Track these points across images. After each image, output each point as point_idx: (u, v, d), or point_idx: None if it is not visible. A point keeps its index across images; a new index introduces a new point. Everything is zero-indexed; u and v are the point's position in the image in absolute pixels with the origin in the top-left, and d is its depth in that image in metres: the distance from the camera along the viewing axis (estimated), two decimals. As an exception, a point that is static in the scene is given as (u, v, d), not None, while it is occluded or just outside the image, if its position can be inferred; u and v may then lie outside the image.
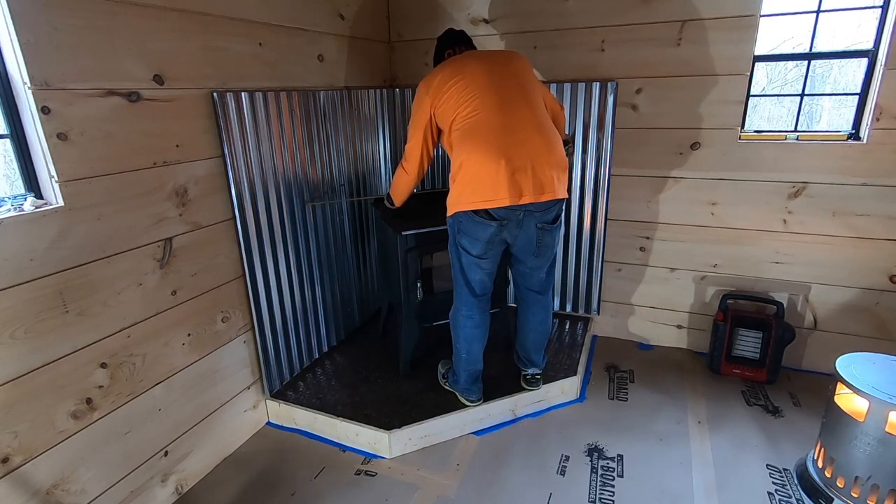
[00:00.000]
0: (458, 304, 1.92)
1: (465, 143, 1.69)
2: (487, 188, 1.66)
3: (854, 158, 2.07)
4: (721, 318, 2.32)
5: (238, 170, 1.79)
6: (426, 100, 1.79)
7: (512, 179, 1.64)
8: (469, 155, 1.68)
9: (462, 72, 1.75)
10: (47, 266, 1.27)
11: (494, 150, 1.65)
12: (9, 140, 1.24)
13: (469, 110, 1.71)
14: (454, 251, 1.85)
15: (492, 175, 1.64)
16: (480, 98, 1.70)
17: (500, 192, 1.65)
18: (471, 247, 1.77)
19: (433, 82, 1.78)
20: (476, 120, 1.69)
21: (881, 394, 1.44)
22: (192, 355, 1.72)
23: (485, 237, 1.73)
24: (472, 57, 1.82)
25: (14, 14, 1.15)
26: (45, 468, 1.32)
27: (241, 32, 1.77)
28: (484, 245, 1.76)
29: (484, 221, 1.70)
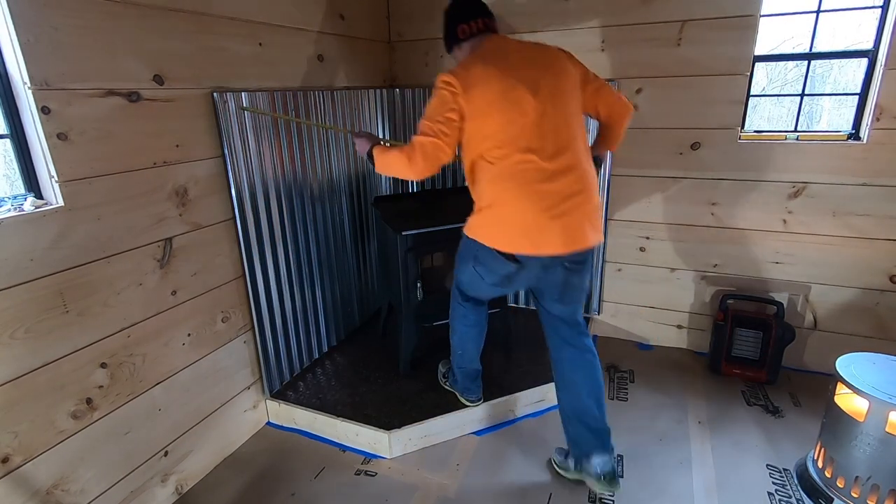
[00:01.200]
0: (455, 303, 1.88)
1: (498, 183, 1.49)
2: (516, 235, 1.50)
3: (854, 158, 2.07)
4: (721, 318, 2.32)
5: (238, 170, 1.79)
6: (457, 99, 1.47)
7: (544, 231, 1.47)
8: (501, 196, 1.49)
9: (504, 91, 1.45)
10: (47, 266, 1.27)
11: (531, 202, 1.46)
12: (9, 140, 1.24)
13: (509, 147, 1.46)
14: (465, 262, 1.70)
15: (524, 225, 1.48)
16: (525, 134, 1.45)
17: (529, 241, 1.49)
18: (486, 275, 1.65)
19: (468, 84, 1.46)
20: (515, 162, 1.46)
21: (881, 394, 1.44)
22: (192, 355, 1.72)
23: (502, 273, 1.60)
24: (513, 65, 1.49)
25: (14, 14, 1.15)
26: (45, 468, 1.32)
27: (241, 32, 1.77)
28: (500, 279, 1.63)
29: (504, 261, 1.54)
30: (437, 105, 1.50)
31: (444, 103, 1.48)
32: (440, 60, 2.63)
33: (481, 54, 1.54)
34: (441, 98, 1.49)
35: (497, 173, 1.49)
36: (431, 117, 1.49)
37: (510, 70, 1.48)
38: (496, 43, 1.58)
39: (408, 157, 1.51)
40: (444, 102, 1.48)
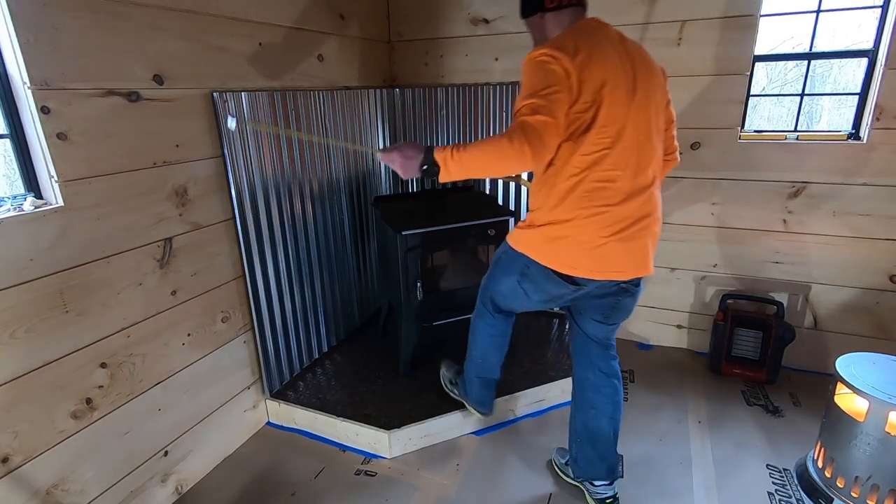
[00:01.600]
0: (484, 311, 1.70)
1: (571, 202, 1.30)
2: (580, 258, 1.34)
3: (854, 158, 2.07)
4: (721, 317, 2.32)
5: (238, 170, 1.79)
6: (570, 80, 1.21)
7: (610, 256, 1.33)
8: (569, 216, 1.31)
9: (608, 91, 1.24)
10: (47, 266, 1.27)
11: (602, 226, 1.30)
12: (9, 140, 1.24)
13: (596, 155, 1.27)
14: (508, 275, 1.51)
15: (590, 248, 1.32)
16: (617, 146, 1.27)
17: (594, 265, 1.34)
18: (533, 293, 1.47)
19: (578, 65, 1.21)
20: (598, 179, 1.28)
21: (881, 394, 1.44)
22: (192, 355, 1.72)
23: (554, 293, 1.44)
24: (619, 59, 1.28)
25: (14, 14, 1.15)
26: (45, 468, 1.32)
27: (241, 32, 1.77)
28: (549, 298, 1.48)
29: (561, 282, 1.38)
30: (542, 81, 1.19)
31: (552, 80, 1.19)
32: (440, 60, 2.63)
33: (581, 34, 1.27)
34: (548, 73, 1.19)
35: (572, 189, 1.30)
36: (537, 93, 1.18)
37: (616, 64, 1.26)
38: (595, 26, 1.33)
39: (518, 144, 1.15)
40: (553, 79, 1.19)
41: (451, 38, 2.57)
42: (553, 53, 1.21)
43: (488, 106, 2.54)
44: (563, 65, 1.20)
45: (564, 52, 1.21)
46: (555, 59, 1.21)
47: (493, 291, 1.63)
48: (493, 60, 2.52)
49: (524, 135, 1.15)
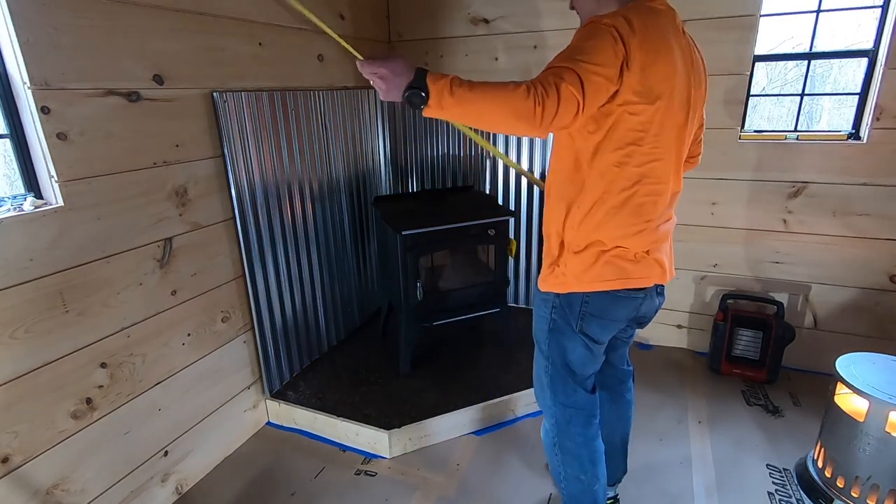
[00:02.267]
0: (570, 415, 1.35)
1: (626, 216, 1.16)
2: (635, 267, 1.20)
3: (854, 158, 2.07)
4: (721, 317, 2.32)
5: (238, 170, 1.79)
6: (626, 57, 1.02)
7: (656, 259, 1.22)
8: (624, 231, 1.17)
9: (665, 104, 1.09)
10: (47, 266, 1.27)
11: (651, 239, 1.20)
12: (8, 140, 1.24)
13: (647, 167, 1.13)
14: (564, 335, 1.28)
15: (643, 258, 1.20)
16: (665, 157, 1.15)
17: (647, 271, 1.21)
18: (601, 332, 1.26)
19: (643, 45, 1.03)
20: (648, 191, 1.15)
21: (881, 394, 1.44)
22: (192, 355, 1.72)
23: (626, 314, 1.26)
24: (683, 75, 1.12)
25: (14, 14, 1.15)
26: (45, 468, 1.32)
27: (241, 32, 1.77)
28: (620, 324, 1.29)
29: (630, 295, 1.22)
30: (593, 53, 1.00)
31: (603, 59, 1.00)
32: (440, 60, 2.63)
33: (652, 23, 1.07)
34: (604, 51, 1.00)
35: (624, 204, 1.15)
36: (581, 62, 0.99)
37: (681, 72, 1.11)
38: (664, 11, 1.12)
39: (533, 102, 0.97)
40: (605, 60, 1.00)
41: (451, 38, 2.57)
42: (624, 34, 1.01)
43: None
44: (627, 56, 1.01)
45: (635, 39, 1.02)
46: (623, 42, 1.01)
47: (563, 369, 1.32)
48: (493, 60, 2.52)
49: (544, 94, 0.97)
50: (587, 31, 1.05)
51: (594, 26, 1.04)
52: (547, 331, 1.31)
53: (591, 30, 1.04)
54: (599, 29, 1.03)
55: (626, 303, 1.23)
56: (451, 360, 2.29)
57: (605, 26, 1.03)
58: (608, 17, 1.05)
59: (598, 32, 1.03)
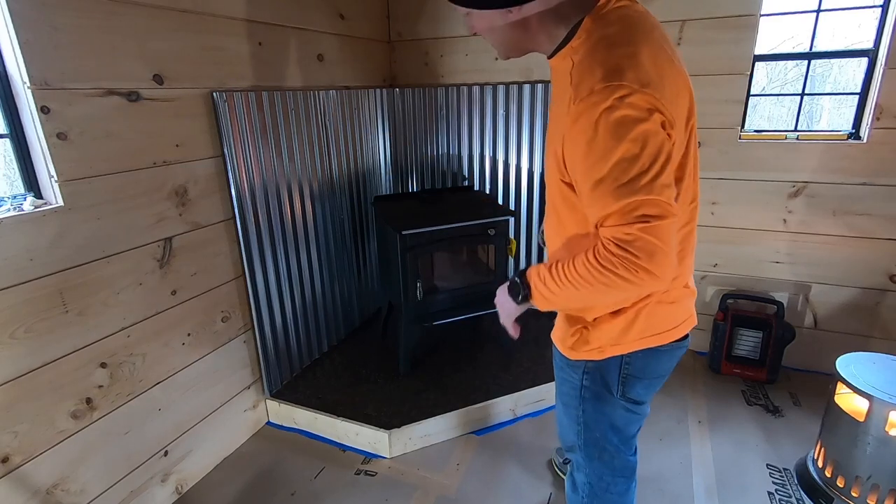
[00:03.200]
0: (607, 482, 1.17)
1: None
2: (676, 310, 1.03)
3: (854, 158, 2.07)
4: (721, 317, 2.32)
5: (238, 170, 1.79)
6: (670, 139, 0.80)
7: (691, 289, 1.08)
8: (679, 273, 1.02)
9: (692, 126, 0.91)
10: (47, 266, 1.27)
11: (688, 264, 1.05)
12: (8, 140, 1.24)
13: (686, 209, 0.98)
14: (594, 409, 1.10)
15: (678, 295, 1.03)
16: (697, 194, 0.99)
17: (687, 310, 1.06)
18: (646, 393, 1.08)
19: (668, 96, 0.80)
20: (684, 233, 0.99)
21: (881, 394, 1.44)
22: (192, 355, 1.72)
23: (672, 367, 1.09)
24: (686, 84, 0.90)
25: (14, 13, 1.15)
26: (45, 468, 1.32)
27: (241, 32, 1.77)
28: (666, 378, 1.11)
29: (676, 346, 1.05)
30: (638, 154, 0.76)
31: (654, 149, 0.77)
32: (440, 60, 2.63)
33: (640, 35, 0.83)
34: (654, 141, 0.77)
35: None
36: (638, 179, 0.76)
37: (685, 83, 0.89)
38: (642, 13, 0.90)
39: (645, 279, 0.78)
40: (656, 147, 0.77)
41: (451, 38, 2.57)
42: (650, 101, 0.76)
43: (488, 106, 2.54)
44: (662, 112, 0.78)
45: (654, 89, 0.77)
46: (653, 103, 0.76)
47: (601, 435, 1.12)
48: (493, 60, 2.52)
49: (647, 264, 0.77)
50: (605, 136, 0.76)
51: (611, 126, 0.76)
52: (578, 397, 1.10)
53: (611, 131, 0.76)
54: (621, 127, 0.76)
55: (671, 355, 1.05)
56: (452, 360, 2.29)
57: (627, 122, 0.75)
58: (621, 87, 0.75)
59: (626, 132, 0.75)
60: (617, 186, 0.77)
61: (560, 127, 0.85)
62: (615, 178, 0.77)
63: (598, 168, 0.78)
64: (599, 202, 0.80)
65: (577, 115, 0.78)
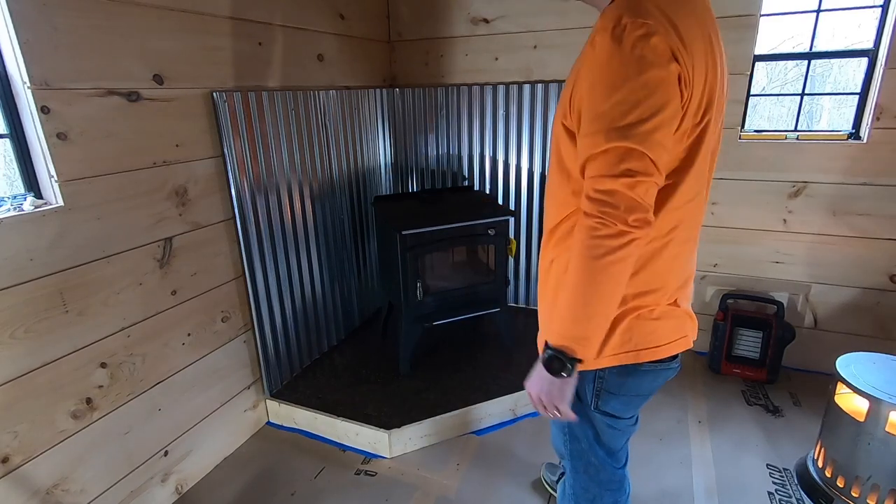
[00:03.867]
0: (593, 494, 1.14)
1: (662, 268, 0.92)
2: (661, 327, 0.95)
3: (854, 158, 2.07)
4: (721, 317, 2.32)
5: (238, 170, 1.79)
6: (686, 83, 0.77)
7: (686, 311, 1.00)
8: (661, 284, 0.93)
9: (713, 116, 0.85)
10: (47, 266, 1.27)
11: (684, 278, 0.98)
12: (8, 140, 1.24)
13: (687, 208, 0.90)
14: (579, 423, 1.07)
15: (665, 311, 0.96)
16: (703, 191, 0.93)
17: (677, 330, 0.98)
18: (624, 409, 1.04)
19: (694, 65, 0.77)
20: (685, 237, 0.93)
21: (881, 394, 1.44)
22: (192, 355, 1.72)
23: (655, 388, 1.03)
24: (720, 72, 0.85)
25: (14, 14, 1.15)
26: (45, 468, 1.32)
27: (241, 32, 1.77)
28: (648, 397, 1.05)
29: (660, 367, 0.98)
30: (643, 94, 0.74)
31: (662, 96, 0.74)
32: (440, 60, 2.63)
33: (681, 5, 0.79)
34: (657, 82, 0.74)
35: (656, 254, 0.90)
36: (634, 124, 0.74)
37: (719, 70, 0.84)
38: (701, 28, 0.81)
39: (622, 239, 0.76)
40: (665, 95, 0.75)
41: (451, 38, 2.57)
42: (672, 40, 0.74)
43: (488, 106, 2.54)
44: (681, 66, 0.75)
45: (680, 40, 0.75)
46: (674, 52, 0.74)
47: (584, 443, 1.09)
48: (493, 60, 2.52)
49: (627, 216, 0.75)
50: (615, 62, 0.74)
51: (624, 50, 0.74)
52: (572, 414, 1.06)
53: (622, 58, 0.74)
54: (635, 52, 0.73)
55: (654, 375, 0.98)
56: (452, 360, 2.29)
57: (644, 48, 0.73)
58: (644, 17, 0.74)
59: (637, 59, 0.73)
60: (611, 128, 0.75)
61: (571, 75, 0.87)
62: (612, 118, 0.75)
63: (601, 100, 0.76)
64: (591, 139, 0.78)
65: (597, 43, 0.78)
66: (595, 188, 0.78)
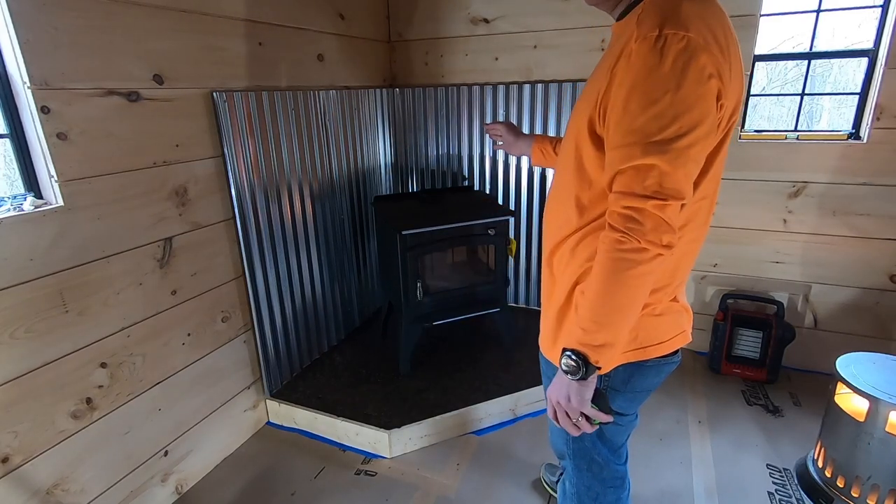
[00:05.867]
0: (596, 492, 1.15)
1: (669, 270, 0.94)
2: (663, 324, 0.97)
3: (854, 158, 2.07)
4: (721, 317, 2.32)
5: (238, 170, 1.79)
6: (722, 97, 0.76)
7: (684, 305, 1.02)
8: (665, 283, 0.94)
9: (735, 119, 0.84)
10: (47, 266, 1.27)
11: (686, 276, 1.00)
12: (8, 140, 1.24)
13: (696, 206, 0.89)
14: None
15: (666, 308, 0.97)
16: (716, 191, 0.93)
17: (677, 325, 0.99)
18: (628, 405, 1.06)
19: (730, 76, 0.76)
20: (693, 237, 0.93)
21: (881, 394, 1.44)
22: (192, 355, 1.72)
23: (657, 382, 1.05)
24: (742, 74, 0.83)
25: (14, 14, 1.15)
26: (45, 468, 1.32)
27: (241, 32, 1.77)
28: (651, 392, 1.07)
29: (664, 362, 1.00)
30: (683, 109, 0.73)
31: (702, 112, 0.74)
32: (440, 60, 2.63)
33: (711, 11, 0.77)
34: (699, 97, 0.73)
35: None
36: (671, 139, 0.73)
37: (742, 72, 0.82)
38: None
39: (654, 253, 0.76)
40: (705, 111, 0.74)
41: (451, 38, 2.57)
42: (714, 54, 0.73)
43: (488, 106, 2.54)
44: (722, 81, 0.74)
45: (719, 50, 0.74)
46: (716, 67, 0.73)
47: (587, 440, 1.10)
48: (493, 60, 2.52)
49: (652, 236, 0.75)
50: (656, 75, 0.72)
51: (666, 63, 0.72)
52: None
53: (665, 71, 0.72)
54: (680, 65, 0.71)
55: (657, 370, 1.00)
56: (451, 360, 2.29)
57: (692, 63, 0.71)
58: (685, 28, 0.72)
59: (682, 73, 0.71)
60: (648, 142, 0.74)
61: (599, 80, 0.84)
62: (648, 132, 0.74)
63: (637, 113, 0.74)
64: (624, 151, 0.76)
65: (634, 52, 0.75)
66: (624, 205, 0.77)
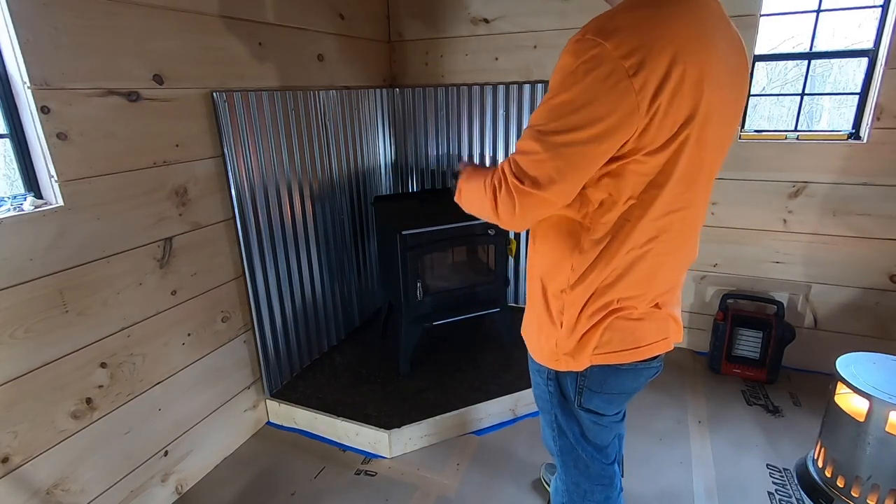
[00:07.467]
0: (584, 490, 1.16)
1: (637, 280, 0.92)
2: (643, 328, 0.97)
3: (854, 158, 2.07)
4: (721, 317, 2.32)
5: (238, 170, 1.79)
6: (641, 106, 0.74)
7: (670, 313, 1.01)
8: (636, 293, 0.94)
9: (698, 127, 0.80)
10: (47, 266, 1.27)
11: (669, 286, 0.98)
12: (8, 140, 1.24)
13: (667, 219, 0.88)
14: (561, 412, 1.10)
15: (647, 313, 0.97)
16: (695, 202, 0.91)
17: (659, 331, 0.99)
18: (607, 406, 1.06)
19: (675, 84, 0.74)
20: (666, 249, 0.91)
21: (881, 394, 1.44)
22: (192, 355, 1.72)
23: (637, 386, 1.05)
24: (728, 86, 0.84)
25: (14, 14, 1.15)
26: (45, 468, 1.32)
27: (241, 32, 1.77)
28: (631, 395, 1.07)
29: (641, 366, 1.00)
30: (576, 108, 0.76)
31: (595, 113, 0.75)
32: (440, 60, 2.63)
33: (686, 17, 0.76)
34: (598, 100, 0.74)
35: (632, 265, 0.91)
36: (553, 132, 0.78)
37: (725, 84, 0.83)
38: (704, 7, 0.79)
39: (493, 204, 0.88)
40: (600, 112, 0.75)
41: (451, 38, 2.57)
42: (632, 61, 0.71)
43: (488, 106, 2.54)
44: (640, 89, 0.72)
45: (653, 60, 0.71)
46: (633, 80, 0.71)
47: (572, 439, 1.12)
48: (493, 60, 2.52)
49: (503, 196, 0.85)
50: (566, 72, 0.76)
51: (576, 63, 0.74)
52: (549, 402, 1.11)
53: (572, 69, 0.75)
54: (584, 67, 0.73)
55: (635, 374, 1.00)
56: (451, 360, 2.29)
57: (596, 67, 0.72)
58: (615, 34, 0.72)
59: (584, 75, 0.73)
60: (535, 129, 0.81)
61: None
62: (538, 122, 0.81)
63: (543, 102, 0.81)
64: (525, 132, 0.84)
65: (563, 50, 0.79)
66: (502, 167, 0.86)
